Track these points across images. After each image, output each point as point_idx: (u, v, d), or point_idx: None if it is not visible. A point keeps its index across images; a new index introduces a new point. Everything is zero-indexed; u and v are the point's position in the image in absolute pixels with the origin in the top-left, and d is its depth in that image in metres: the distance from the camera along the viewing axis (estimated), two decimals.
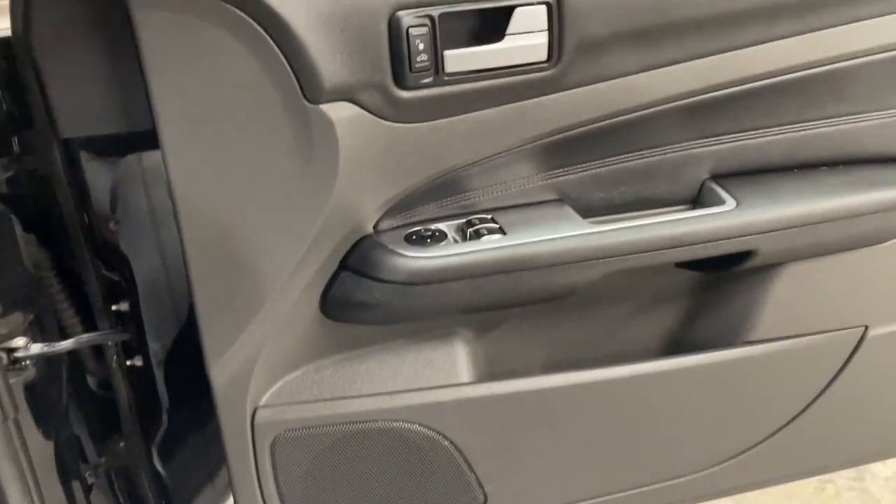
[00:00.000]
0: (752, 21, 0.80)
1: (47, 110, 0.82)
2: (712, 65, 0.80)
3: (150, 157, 0.98)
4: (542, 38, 0.74)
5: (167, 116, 0.70)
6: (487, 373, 0.98)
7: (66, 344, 0.96)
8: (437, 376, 0.94)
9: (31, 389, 0.95)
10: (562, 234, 0.83)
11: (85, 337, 0.97)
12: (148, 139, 0.74)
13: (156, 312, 1.04)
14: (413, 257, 0.80)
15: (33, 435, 0.96)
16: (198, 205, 0.74)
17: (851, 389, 1.07)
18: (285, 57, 0.68)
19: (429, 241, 0.82)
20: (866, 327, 1.03)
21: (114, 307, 0.98)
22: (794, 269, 0.96)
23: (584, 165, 0.87)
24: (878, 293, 1.02)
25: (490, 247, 0.82)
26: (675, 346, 1.04)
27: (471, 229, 0.84)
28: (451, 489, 0.99)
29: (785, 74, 0.83)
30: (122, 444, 1.08)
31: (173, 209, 0.74)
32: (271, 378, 0.88)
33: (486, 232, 0.83)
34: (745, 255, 0.90)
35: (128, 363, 1.02)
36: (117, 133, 0.84)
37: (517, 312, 0.96)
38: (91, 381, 1.09)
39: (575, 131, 0.81)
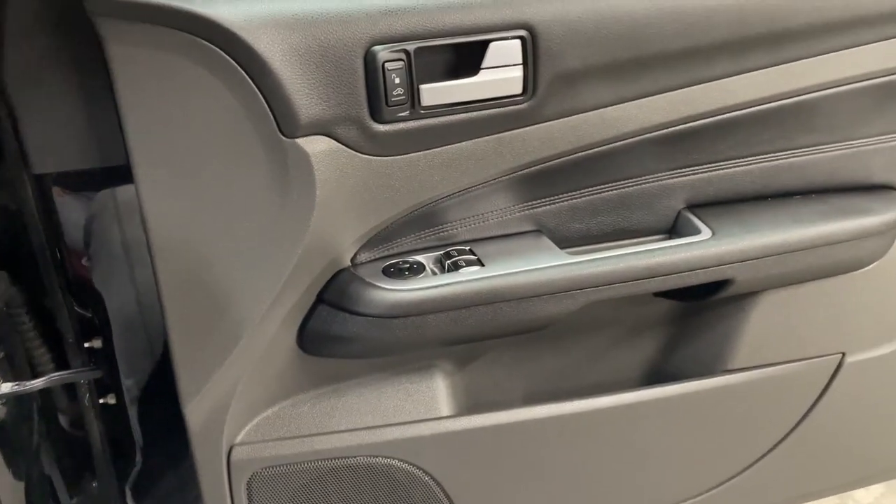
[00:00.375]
0: (723, 54, 0.81)
1: (19, 146, 0.81)
2: (685, 97, 0.81)
3: (124, 192, 0.98)
4: (518, 72, 0.75)
5: (141, 152, 0.69)
6: (468, 405, 0.97)
7: (37, 383, 0.94)
8: (416, 410, 0.93)
9: (1, 429, 0.93)
10: (539, 266, 0.83)
11: (56, 375, 0.95)
12: (122, 174, 0.74)
13: (129, 349, 1.02)
14: (391, 290, 0.80)
15: (3, 475, 0.94)
16: (172, 240, 0.73)
17: (831, 416, 1.07)
18: (261, 92, 0.68)
19: (407, 273, 0.82)
20: (843, 354, 1.04)
21: (86, 344, 0.96)
22: (771, 298, 0.97)
23: (560, 196, 0.87)
24: (854, 320, 1.03)
25: (468, 279, 0.81)
26: (655, 375, 1.04)
27: (449, 261, 0.83)
28: None
29: (756, 106, 0.85)
30: (94, 485, 1.06)
31: (147, 245, 0.73)
32: (248, 415, 0.86)
33: (464, 264, 0.83)
34: (721, 284, 0.90)
35: (100, 401, 1.00)
36: (90, 168, 0.83)
37: (497, 344, 0.96)
38: (63, 420, 1.07)
39: (551, 163, 0.82)
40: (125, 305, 1.01)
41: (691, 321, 1.01)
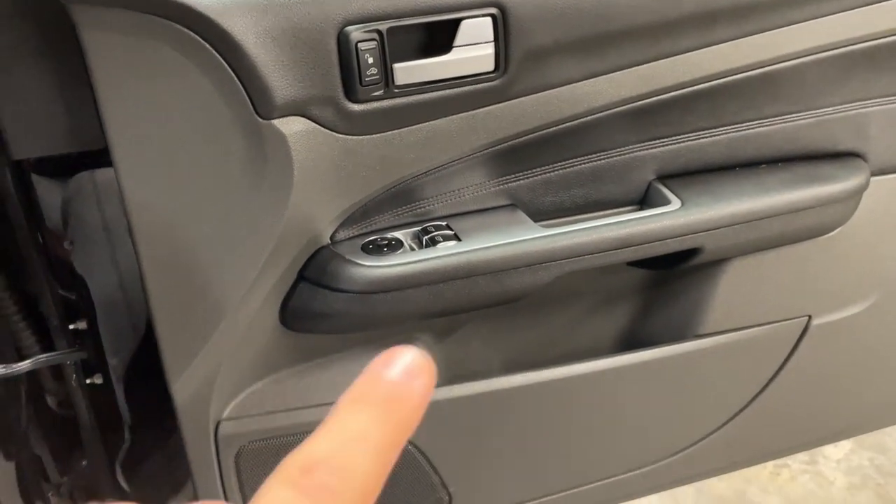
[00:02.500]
0: (690, 27, 0.82)
1: None
2: (653, 71, 0.83)
3: (103, 174, 0.98)
4: (489, 50, 0.76)
5: (120, 137, 0.70)
6: (448, 376, 1.00)
7: (23, 365, 0.95)
8: None
9: None
10: (514, 239, 0.85)
11: (43, 357, 0.96)
12: (101, 157, 0.74)
13: (114, 329, 1.03)
14: (370, 266, 0.81)
15: None
16: (153, 222, 0.74)
17: (799, 376, 1.11)
18: (236, 74, 0.69)
19: (385, 249, 0.84)
20: (809, 317, 1.07)
21: (71, 326, 0.97)
22: (739, 264, 0.99)
23: (534, 171, 0.89)
24: (820, 284, 1.06)
25: (445, 253, 0.83)
26: (629, 342, 1.07)
27: (426, 237, 0.85)
28: (416, 491, 1.00)
29: (722, 78, 0.86)
30: (84, 463, 1.07)
31: (128, 228, 0.74)
32: (233, 390, 0.88)
33: (441, 239, 0.85)
34: (691, 253, 0.93)
35: (87, 381, 1.01)
36: (69, 153, 0.84)
37: (475, 316, 0.98)
38: (51, 401, 1.08)
39: (524, 138, 0.83)
40: (108, 287, 1.02)
41: (663, 289, 1.04)
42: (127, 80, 0.68)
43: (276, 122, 0.72)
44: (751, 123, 0.93)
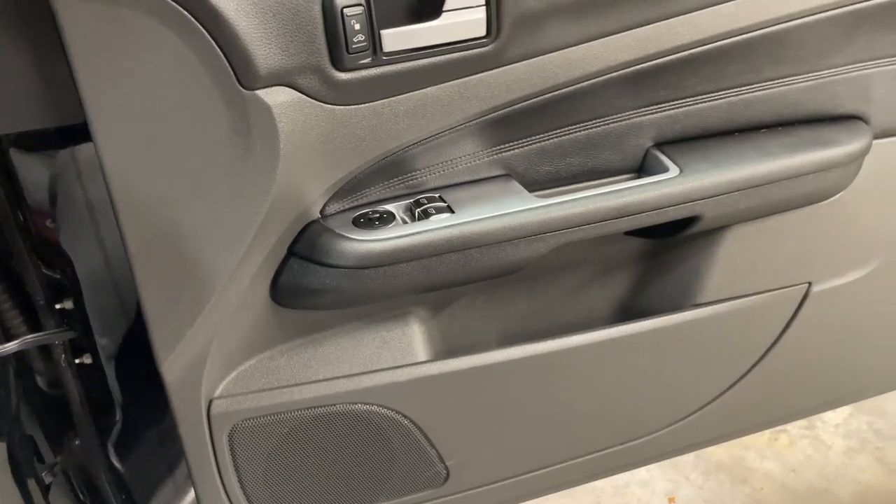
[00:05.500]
0: None
1: None
2: (650, 33, 0.80)
3: (85, 150, 0.95)
4: (480, 14, 0.73)
5: (98, 110, 0.68)
6: (444, 350, 0.99)
7: (11, 346, 0.93)
8: (393, 357, 0.94)
9: None
10: (509, 210, 0.83)
11: (30, 337, 0.94)
12: (82, 132, 0.72)
13: (102, 308, 1.02)
14: (361, 241, 0.80)
15: None
16: (136, 198, 0.72)
17: (798, 344, 1.10)
18: (217, 44, 0.67)
19: (377, 223, 0.82)
20: (809, 284, 1.06)
21: (58, 306, 0.96)
22: (739, 231, 0.98)
23: (529, 139, 0.87)
24: (820, 250, 1.04)
25: (438, 226, 0.81)
26: (627, 312, 1.05)
27: (419, 209, 0.83)
28: (414, 466, 0.99)
29: (722, 40, 0.84)
30: (77, 443, 1.07)
31: (111, 204, 0.72)
32: (225, 368, 0.87)
33: (434, 211, 0.83)
34: (690, 221, 0.91)
35: (77, 361, 1.00)
36: (49, 128, 0.81)
37: (471, 288, 0.97)
38: (41, 381, 1.07)
39: (518, 106, 0.81)
40: (94, 264, 1.00)
41: (661, 258, 1.02)
42: (103, 52, 0.65)
43: (260, 92, 0.70)
44: (751, 87, 0.91)
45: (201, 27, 0.66)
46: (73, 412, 1.02)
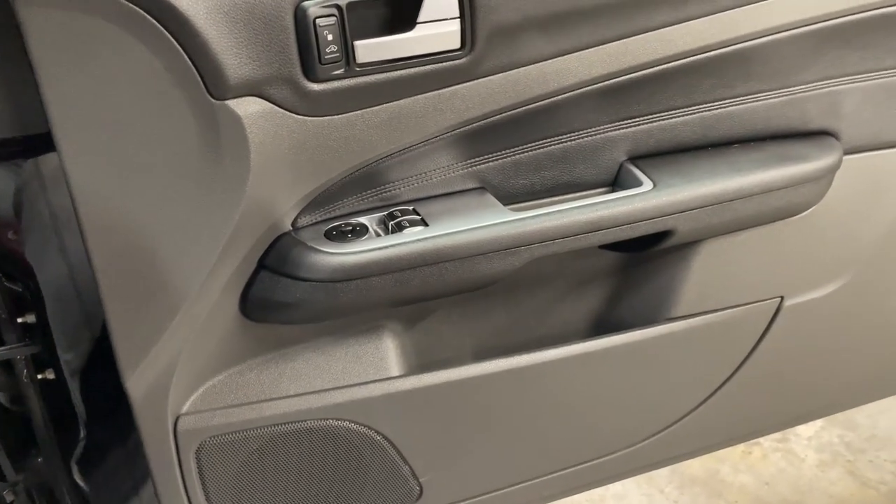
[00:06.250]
0: (661, 3, 0.80)
1: None
2: (624, 48, 0.81)
3: (49, 160, 0.93)
4: (455, 26, 0.73)
5: (63, 121, 0.66)
6: (418, 364, 0.97)
7: None
8: (366, 371, 0.93)
9: None
10: (484, 223, 0.82)
11: None
12: (46, 142, 0.70)
13: (65, 322, 0.99)
14: (333, 254, 0.78)
15: None
16: (102, 210, 0.70)
17: (771, 358, 1.11)
18: (185, 52, 0.65)
19: (350, 235, 0.81)
20: (782, 298, 1.06)
21: (20, 319, 0.93)
22: (711, 246, 0.98)
23: (503, 153, 0.86)
24: (792, 265, 1.05)
25: (412, 239, 0.80)
26: (601, 326, 1.05)
27: (392, 222, 0.82)
28: (387, 483, 0.98)
29: (695, 55, 0.84)
30: (39, 460, 1.04)
31: (76, 216, 0.70)
32: (193, 384, 0.85)
33: (407, 224, 0.82)
34: (663, 235, 0.91)
35: (39, 376, 0.97)
36: (12, 137, 0.79)
37: (445, 302, 0.96)
38: (2, 397, 1.04)
39: (493, 119, 0.81)
40: (58, 277, 0.97)
41: (635, 272, 1.02)
42: (69, 60, 0.64)
43: (230, 102, 0.68)
44: (723, 102, 0.91)
45: (169, 35, 0.65)
46: (35, 429, 0.99)
